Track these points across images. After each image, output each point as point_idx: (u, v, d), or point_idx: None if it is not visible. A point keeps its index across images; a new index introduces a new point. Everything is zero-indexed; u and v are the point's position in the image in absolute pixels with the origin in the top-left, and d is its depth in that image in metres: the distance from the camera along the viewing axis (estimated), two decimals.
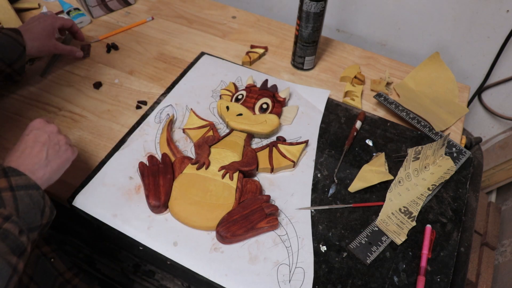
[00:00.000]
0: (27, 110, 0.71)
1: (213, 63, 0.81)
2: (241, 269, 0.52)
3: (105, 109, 0.73)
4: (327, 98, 0.75)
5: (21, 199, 0.43)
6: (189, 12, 0.96)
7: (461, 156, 0.67)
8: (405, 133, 0.70)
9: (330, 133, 0.70)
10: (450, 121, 0.74)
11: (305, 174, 0.63)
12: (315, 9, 0.70)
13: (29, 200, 0.44)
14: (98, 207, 0.57)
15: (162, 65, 0.82)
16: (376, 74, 0.83)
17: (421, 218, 0.59)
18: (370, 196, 0.61)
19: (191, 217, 0.55)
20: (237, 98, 0.71)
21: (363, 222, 0.58)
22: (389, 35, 0.97)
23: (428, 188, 0.61)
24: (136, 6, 0.98)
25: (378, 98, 0.75)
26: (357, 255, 0.55)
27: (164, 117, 0.70)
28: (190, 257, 0.53)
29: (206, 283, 0.52)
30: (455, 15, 0.86)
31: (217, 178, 0.59)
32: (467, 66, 0.94)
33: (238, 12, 0.96)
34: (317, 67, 0.84)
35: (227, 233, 0.53)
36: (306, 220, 0.58)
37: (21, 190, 0.44)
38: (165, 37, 0.89)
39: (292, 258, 0.54)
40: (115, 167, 0.62)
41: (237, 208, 0.56)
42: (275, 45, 0.88)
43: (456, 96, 0.79)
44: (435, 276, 0.53)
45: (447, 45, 0.92)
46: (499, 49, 0.86)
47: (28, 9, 0.94)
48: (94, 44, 0.86)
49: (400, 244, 0.56)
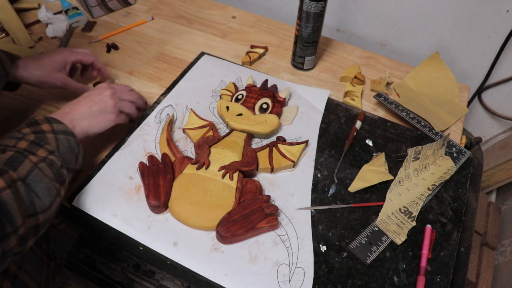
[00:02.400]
0: (27, 110, 0.71)
1: (213, 63, 0.81)
2: (241, 269, 0.52)
3: None
4: (327, 98, 0.75)
5: (61, 141, 0.50)
6: (189, 12, 0.96)
7: (461, 156, 0.67)
8: (405, 133, 0.70)
9: (330, 133, 0.70)
10: (450, 121, 0.74)
11: (305, 174, 0.63)
12: (315, 9, 0.70)
13: (67, 143, 0.51)
14: (98, 207, 0.57)
15: (162, 65, 0.82)
16: (376, 74, 0.83)
17: (421, 218, 0.59)
18: (370, 196, 0.61)
19: (191, 217, 0.55)
20: (237, 98, 0.71)
21: (363, 222, 0.58)
22: (389, 35, 0.97)
23: (428, 188, 0.61)
24: (136, 6, 0.98)
25: (378, 98, 0.75)
26: (357, 255, 0.55)
27: (164, 117, 0.70)
28: (190, 257, 0.53)
29: (206, 283, 0.52)
30: (455, 15, 0.86)
31: (217, 178, 0.59)
32: (467, 66, 0.94)
33: (238, 12, 0.97)
34: (317, 67, 0.84)
35: (227, 233, 0.53)
36: (306, 220, 0.58)
37: (61, 134, 0.51)
38: (165, 37, 0.89)
39: (292, 258, 0.54)
40: (115, 167, 0.62)
41: (237, 208, 0.56)
42: (275, 45, 0.88)
43: (456, 96, 0.79)
44: (435, 276, 0.53)
45: (447, 45, 0.92)
46: (499, 49, 0.86)
47: (28, 9, 0.94)
48: (94, 44, 0.86)
49: (400, 244, 0.56)
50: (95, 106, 0.58)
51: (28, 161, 0.45)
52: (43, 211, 0.44)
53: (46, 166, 0.46)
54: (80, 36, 0.89)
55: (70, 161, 0.51)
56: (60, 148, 0.50)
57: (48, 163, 0.47)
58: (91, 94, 0.59)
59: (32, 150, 0.47)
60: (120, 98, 0.62)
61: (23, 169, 0.44)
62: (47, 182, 0.45)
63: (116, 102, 0.60)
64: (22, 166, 0.44)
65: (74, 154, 0.52)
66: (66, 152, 0.50)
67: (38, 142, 0.48)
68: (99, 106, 0.58)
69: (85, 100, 0.58)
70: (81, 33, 0.89)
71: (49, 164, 0.47)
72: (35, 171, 0.45)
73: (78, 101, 0.58)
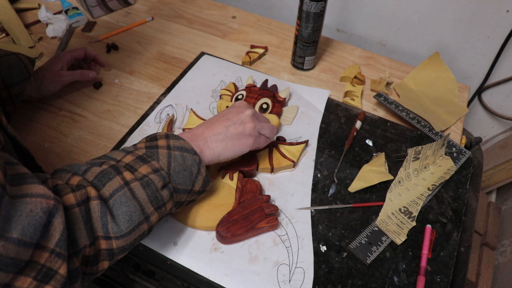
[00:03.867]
0: (26, 110, 0.71)
1: (213, 63, 0.81)
2: (241, 269, 0.52)
3: (105, 109, 0.73)
4: (327, 98, 0.75)
5: (175, 158, 0.45)
6: (189, 12, 0.96)
7: (461, 156, 0.67)
8: (405, 133, 0.70)
9: (330, 133, 0.70)
10: (450, 121, 0.74)
11: (305, 174, 0.63)
12: (315, 9, 0.70)
13: (182, 160, 0.46)
14: None
15: (162, 65, 0.82)
16: (376, 74, 0.83)
17: (421, 218, 0.59)
18: (370, 196, 0.61)
19: (191, 217, 0.55)
20: (237, 98, 0.71)
21: (363, 222, 0.58)
22: (389, 35, 0.97)
23: (428, 188, 0.61)
24: (136, 6, 0.98)
25: (378, 98, 0.75)
26: (357, 255, 0.55)
27: (164, 117, 0.70)
28: (190, 257, 0.53)
29: (206, 283, 0.52)
30: (455, 15, 0.86)
31: (217, 178, 0.59)
32: (467, 66, 0.94)
33: (238, 12, 0.96)
34: (317, 67, 0.84)
35: (227, 233, 0.53)
36: (306, 220, 0.58)
37: (176, 151, 0.46)
38: (165, 37, 0.89)
39: (292, 258, 0.54)
40: None
41: (237, 208, 0.56)
42: (275, 45, 0.88)
43: (456, 96, 0.79)
44: (435, 276, 0.53)
45: (447, 45, 0.92)
46: (499, 49, 0.86)
47: (28, 9, 0.94)
48: (94, 44, 0.86)
49: (400, 244, 0.56)
50: (233, 127, 0.51)
51: (119, 179, 0.41)
52: (117, 237, 0.40)
53: (140, 186, 0.42)
54: (80, 36, 0.89)
55: (183, 181, 0.46)
56: (172, 166, 0.45)
57: (144, 183, 0.42)
58: (228, 113, 0.53)
59: (134, 166, 0.43)
60: (258, 119, 0.56)
61: (110, 187, 0.40)
62: (133, 206, 0.41)
63: (256, 125, 0.53)
64: (110, 184, 0.40)
65: (190, 173, 0.46)
66: (178, 171, 0.45)
67: (145, 158, 0.44)
68: (237, 127, 0.52)
69: (221, 119, 0.52)
70: (81, 33, 0.89)
71: (145, 185, 0.42)
72: (121, 192, 0.40)
73: (214, 121, 0.52)
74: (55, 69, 0.69)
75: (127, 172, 0.42)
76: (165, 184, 0.44)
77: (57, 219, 0.34)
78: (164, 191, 0.44)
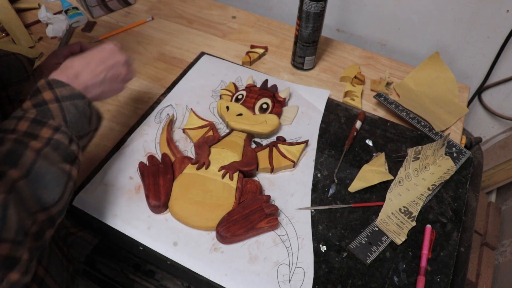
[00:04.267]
0: None
1: (213, 63, 0.81)
2: (241, 269, 0.52)
3: (105, 109, 0.73)
4: (327, 98, 0.75)
5: (68, 109, 0.45)
6: (189, 12, 0.96)
7: (461, 156, 0.67)
8: (405, 133, 0.70)
9: (330, 133, 0.70)
10: (450, 121, 0.74)
11: (305, 174, 0.63)
12: (315, 9, 0.70)
13: (75, 110, 0.46)
14: (98, 207, 0.57)
15: (162, 65, 0.82)
16: (376, 74, 0.83)
17: (421, 218, 0.59)
18: (370, 196, 0.61)
19: (191, 217, 0.55)
20: (237, 98, 0.71)
21: (363, 222, 0.58)
22: (389, 35, 0.97)
23: (428, 188, 0.61)
24: (136, 6, 0.98)
25: (378, 98, 0.75)
26: (357, 255, 0.55)
27: (164, 117, 0.70)
28: (190, 257, 0.53)
29: (206, 283, 0.52)
30: (455, 15, 0.86)
31: (217, 178, 0.59)
32: (467, 66, 0.94)
33: (238, 12, 0.96)
34: (317, 67, 0.84)
35: (227, 233, 0.53)
36: (306, 220, 0.58)
37: (66, 101, 0.46)
38: (165, 37, 0.89)
39: (292, 258, 0.54)
40: (115, 167, 0.62)
41: (237, 208, 0.56)
42: (275, 45, 0.88)
43: (456, 96, 0.79)
44: (435, 276, 0.53)
45: (447, 45, 0.92)
46: (499, 49, 0.86)
47: (28, 9, 0.94)
48: (94, 44, 0.86)
49: (400, 244, 0.56)
50: (110, 72, 0.52)
51: (30, 151, 0.40)
52: (54, 204, 0.41)
53: (51, 150, 0.42)
54: (80, 36, 0.89)
55: (82, 128, 0.47)
56: (68, 119, 0.45)
57: (53, 146, 0.42)
58: (106, 58, 0.53)
59: (34, 132, 0.42)
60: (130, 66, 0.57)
61: (25, 163, 0.39)
62: (54, 171, 0.41)
63: (126, 70, 0.55)
64: (23, 160, 0.39)
65: (86, 117, 0.47)
66: (75, 121, 0.46)
67: (40, 119, 0.43)
68: (113, 73, 0.53)
69: (101, 64, 0.52)
70: (81, 33, 0.89)
71: (55, 147, 0.42)
72: (38, 162, 0.40)
73: (90, 60, 0.51)
74: (52, 64, 0.69)
75: (33, 141, 0.41)
76: (70, 138, 0.45)
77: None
78: (73, 145, 0.45)
